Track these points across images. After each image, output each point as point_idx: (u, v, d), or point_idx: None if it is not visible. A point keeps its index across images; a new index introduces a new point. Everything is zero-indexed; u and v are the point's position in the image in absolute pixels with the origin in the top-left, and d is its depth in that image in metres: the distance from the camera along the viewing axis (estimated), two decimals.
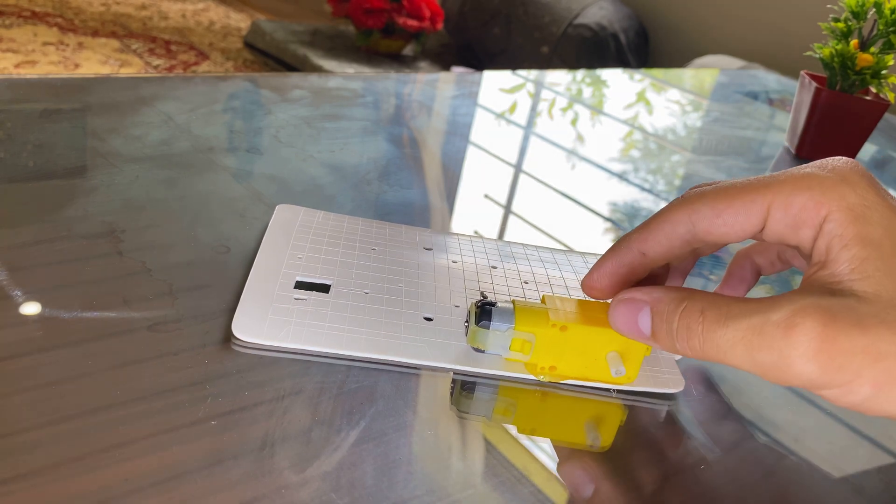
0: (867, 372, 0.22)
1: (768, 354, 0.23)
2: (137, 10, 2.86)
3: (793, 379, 0.23)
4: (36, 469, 0.21)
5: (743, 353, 0.23)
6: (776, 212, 0.25)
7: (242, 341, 0.28)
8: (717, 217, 0.26)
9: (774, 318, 0.23)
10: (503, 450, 0.26)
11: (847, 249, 0.24)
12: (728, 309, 0.24)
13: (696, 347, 0.24)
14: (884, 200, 0.25)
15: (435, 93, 0.70)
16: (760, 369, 0.23)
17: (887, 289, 0.23)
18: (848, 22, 0.64)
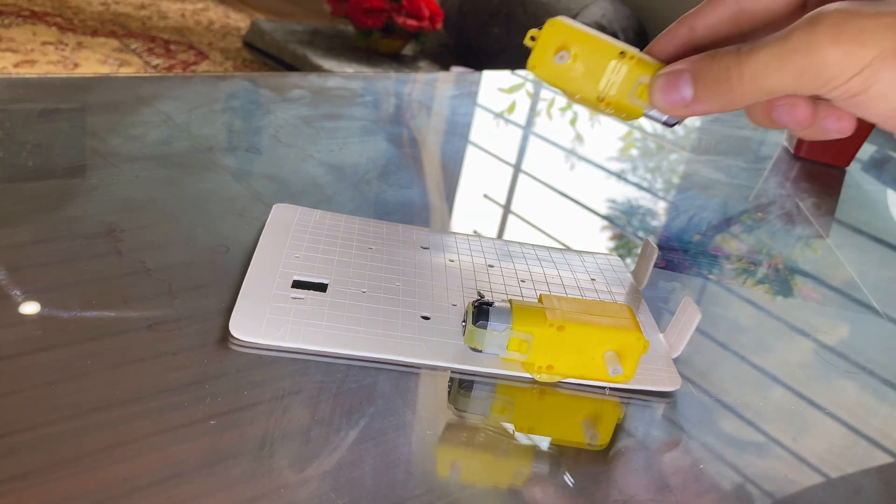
0: (889, 44, 0.22)
1: (798, 55, 0.23)
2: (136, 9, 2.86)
3: (823, 71, 0.23)
4: (35, 469, 0.21)
5: (777, 67, 0.24)
6: None
7: (240, 340, 0.28)
8: None
9: (799, 24, 0.23)
10: (502, 449, 0.26)
11: None
12: (759, 41, 0.25)
13: (737, 84, 0.25)
14: None
15: (434, 92, 0.70)
16: (795, 77, 0.24)
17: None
18: None
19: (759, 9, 0.27)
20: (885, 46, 0.22)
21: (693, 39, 0.28)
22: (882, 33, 0.22)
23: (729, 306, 0.40)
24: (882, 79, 0.23)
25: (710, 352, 0.35)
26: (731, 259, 0.46)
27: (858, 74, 0.23)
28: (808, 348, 0.37)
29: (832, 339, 0.38)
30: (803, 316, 0.40)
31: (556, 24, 0.28)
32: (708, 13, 0.28)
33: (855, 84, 0.23)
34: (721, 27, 0.28)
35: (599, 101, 0.29)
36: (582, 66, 0.28)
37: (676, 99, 0.27)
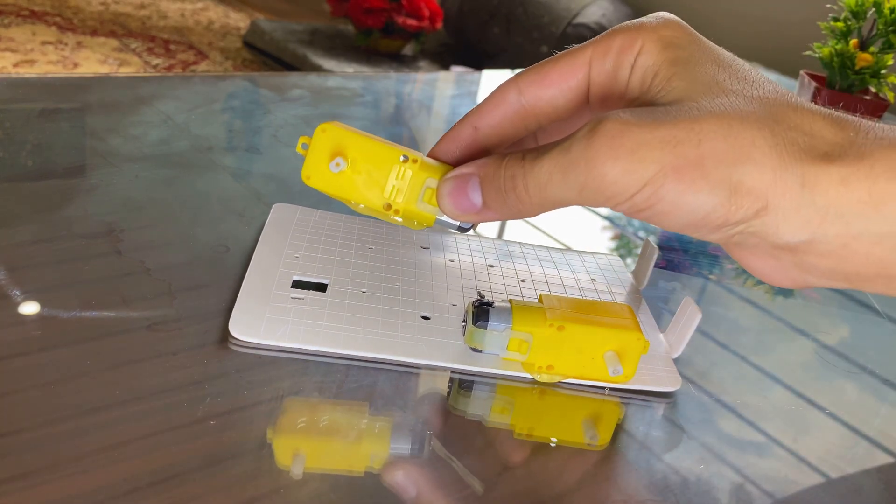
0: (668, 160, 0.21)
1: (577, 169, 0.22)
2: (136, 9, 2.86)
3: (604, 188, 0.22)
4: (35, 469, 0.21)
5: (560, 181, 0.23)
6: (597, 61, 0.25)
7: (240, 340, 0.28)
8: (542, 79, 0.26)
9: (579, 135, 0.23)
10: (502, 449, 0.26)
11: (657, 75, 0.24)
12: (545, 147, 0.24)
13: (523, 194, 0.24)
14: (696, 35, 0.25)
15: (434, 92, 0.70)
16: (577, 191, 0.23)
17: (691, 92, 0.23)
18: (847, 21, 0.64)
19: (542, 105, 0.26)
20: (663, 162, 0.21)
21: (478, 139, 0.27)
22: (660, 148, 0.21)
23: (729, 306, 0.40)
24: (665, 196, 0.22)
25: (710, 352, 0.35)
26: (731, 259, 0.46)
27: (640, 192, 0.22)
28: (809, 348, 0.37)
29: (832, 340, 0.38)
30: (804, 316, 0.40)
31: (329, 129, 0.26)
32: (490, 112, 0.27)
33: (639, 201, 0.22)
34: (506, 126, 0.27)
35: (387, 209, 0.27)
36: (362, 172, 0.27)
37: (466, 205, 0.26)
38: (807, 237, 0.22)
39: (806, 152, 0.22)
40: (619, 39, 0.25)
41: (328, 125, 0.27)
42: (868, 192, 0.21)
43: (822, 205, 0.21)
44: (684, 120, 0.22)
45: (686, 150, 0.21)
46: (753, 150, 0.21)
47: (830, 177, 0.21)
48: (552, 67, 0.26)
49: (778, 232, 0.22)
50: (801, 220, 0.22)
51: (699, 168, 0.21)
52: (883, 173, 0.21)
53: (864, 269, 0.22)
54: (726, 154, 0.21)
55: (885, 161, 0.21)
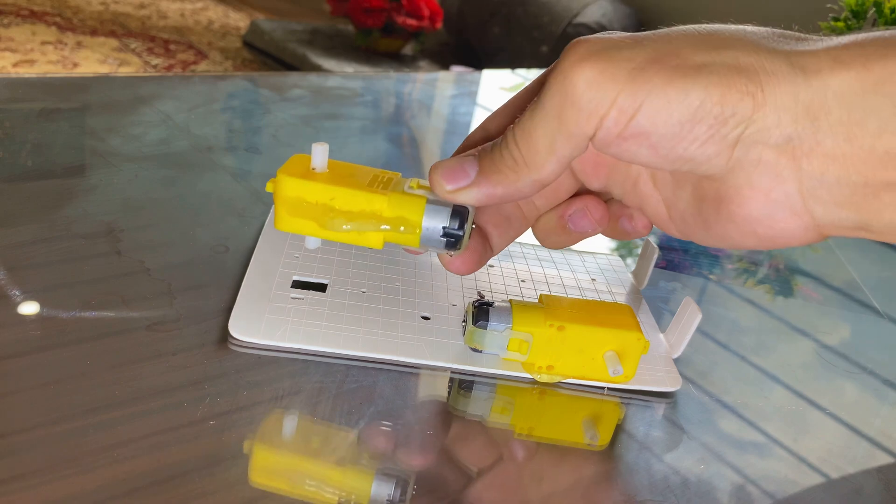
0: (640, 55, 0.20)
1: (552, 91, 0.21)
2: (136, 9, 2.86)
3: (580, 101, 0.21)
4: (34, 469, 0.21)
5: (542, 116, 0.22)
6: None
7: (239, 340, 0.28)
8: None
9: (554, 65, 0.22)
10: (502, 449, 0.26)
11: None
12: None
13: (517, 153, 0.23)
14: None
15: (434, 92, 0.70)
16: (557, 119, 0.21)
17: None
18: (848, 21, 0.64)
19: None
20: (638, 59, 0.20)
21: (489, 140, 0.26)
22: (631, 47, 0.21)
23: (729, 306, 0.40)
24: (652, 90, 0.20)
25: (710, 352, 0.35)
26: (731, 259, 0.46)
27: (619, 95, 0.20)
28: (809, 348, 0.37)
29: (833, 340, 0.38)
30: (804, 316, 0.40)
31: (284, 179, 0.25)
32: (499, 114, 0.27)
33: (625, 102, 0.20)
34: None
35: (370, 202, 0.25)
36: (341, 183, 0.25)
37: (460, 176, 0.24)
38: (809, 128, 0.20)
39: (786, 39, 0.21)
40: None
41: (283, 176, 0.25)
42: (864, 67, 0.19)
43: (818, 87, 0.19)
44: (656, 34, 0.21)
45: (658, 45, 0.21)
46: (731, 41, 0.20)
47: (819, 57, 0.19)
48: None
49: (780, 123, 0.20)
50: (801, 108, 0.19)
51: (677, 55, 0.20)
52: (874, 52, 0.19)
53: (874, 172, 0.19)
54: (702, 42, 0.20)
55: (872, 44, 0.19)
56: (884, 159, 0.19)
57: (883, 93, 0.19)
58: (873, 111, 0.19)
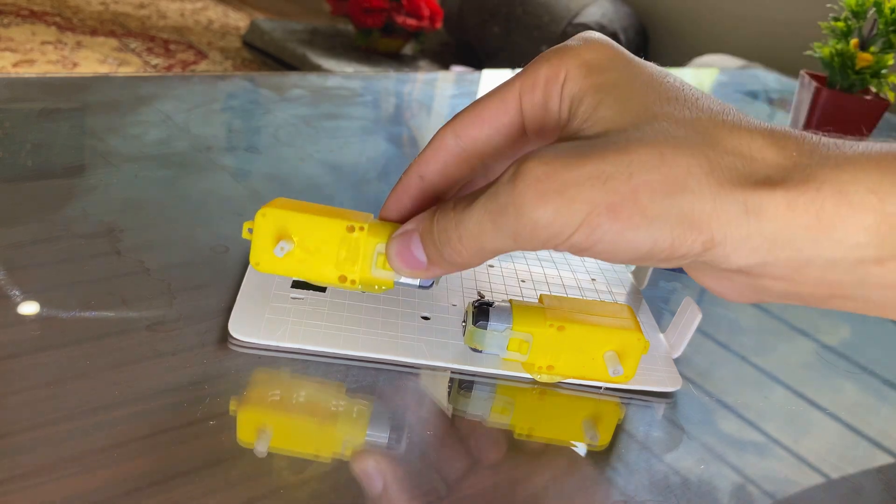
0: (599, 197, 0.20)
1: (507, 216, 0.22)
2: (136, 8, 2.86)
3: (538, 232, 0.21)
4: (34, 469, 0.21)
5: (492, 228, 0.22)
6: (526, 95, 0.25)
7: (239, 341, 0.28)
8: (476, 118, 0.25)
9: (504, 178, 0.22)
10: (502, 449, 0.26)
11: (582, 103, 0.23)
12: (474, 195, 0.23)
13: (458, 246, 0.23)
14: (620, 51, 0.24)
15: (434, 92, 0.70)
16: (511, 238, 0.22)
17: (618, 122, 0.22)
18: (848, 21, 0.64)
19: (480, 146, 0.26)
20: (595, 201, 0.20)
21: (426, 187, 0.27)
22: (589, 186, 0.20)
23: (729, 306, 0.40)
24: (604, 236, 0.21)
25: (710, 352, 0.35)
26: None
27: (576, 233, 0.21)
28: (809, 348, 0.37)
29: (833, 340, 0.38)
30: (804, 316, 0.40)
31: (269, 213, 0.26)
32: (431, 159, 0.26)
33: (577, 241, 0.21)
34: (450, 170, 0.26)
35: (342, 281, 0.27)
36: (310, 250, 0.26)
37: (414, 263, 0.25)
38: (758, 262, 0.21)
39: (746, 177, 0.20)
40: (544, 69, 0.24)
41: (268, 209, 0.26)
42: (816, 216, 0.20)
43: (769, 231, 0.20)
44: (612, 152, 0.21)
45: (617, 186, 0.20)
46: (689, 179, 0.20)
47: (775, 202, 0.20)
48: (484, 107, 0.26)
49: (728, 260, 0.21)
50: (750, 248, 0.21)
51: (634, 203, 0.20)
52: (830, 196, 0.20)
53: (819, 290, 0.21)
54: (661, 185, 0.20)
55: (832, 183, 0.20)
56: (831, 285, 0.21)
57: (832, 238, 0.20)
58: (823, 253, 0.20)
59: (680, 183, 0.20)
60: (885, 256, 0.20)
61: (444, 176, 0.26)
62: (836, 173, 0.20)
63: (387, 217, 0.27)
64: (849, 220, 0.20)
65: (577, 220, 0.21)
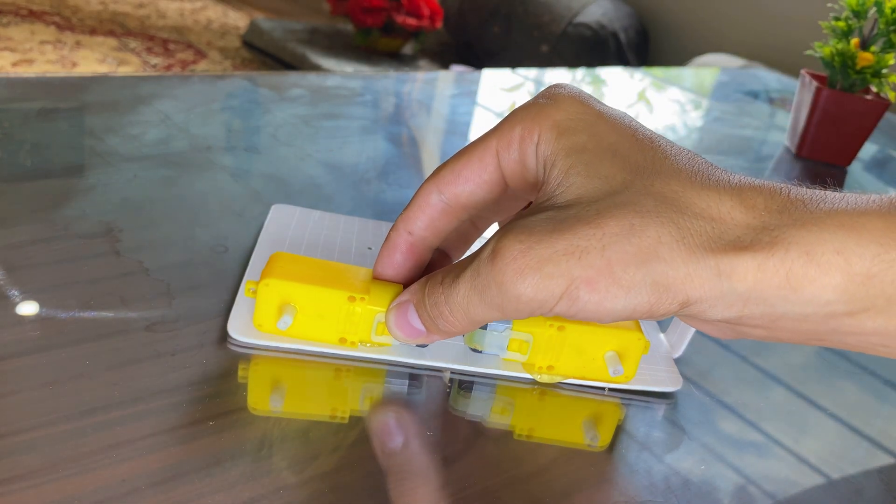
0: (576, 272, 0.21)
1: (490, 291, 0.23)
2: (135, 8, 2.86)
3: (523, 306, 0.22)
4: (33, 470, 0.21)
5: (478, 302, 0.23)
6: (503, 153, 0.25)
7: (238, 341, 0.28)
8: (457, 177, 0.26)
9: (484, 255, 0.23)
10: (502, 449, 0.26)
11: (554, 166, 0.24)
12: (459, 267, 0.24)
13: (449, 318, 0.24)
14: (591, 108, 0.25)
15: (434, 91, 0.70)
16: (498, 310, 0.23)
17: (588, 190, 0.23)
18: (848, 21, 0.63)
19: (464, 201, 0.26)
20: (572, 275, 0.21)
21: (416, 243, 0.27)
22: (565, 261, 0.21)
23: None
24: (585, 305, 0.22)
25: (711, 352, 0.35)
26: None
27: (558, 304, 0.22)
28: (810, 348, 0.37)
29: None
30: None
31: (271, 284, 0.27)
32: (417, 216, 0.27)
33: (561, 310, 0.22)
34: (438, 225, 0.27)
35: (343, 342, 0.28)
36: (312, 316, 0.27)
37: (412, 333, 0.26)
38: (734, 315, 0.22)
39: (716, 241, 0.21)
40: (518, 129, 0.25)
41: (271, 280, 0.27)
42: (786, 277, 0.21)
43: (742, 290, 0.21)
44: (584, 225, 0.22)
45: (592, 260, 0.21)
46: (660, 248, 0.21)
47: (746, 264, 0.21)
48: (464, 164, 0.26)
49: (706, 314, 0.22)
50: (725, 305, 0.22)
51: (609, 275, 0.21)
52: (797, 258, 0.20)
53: (796, 336, 0.23)
54: (633, 256, 0.21)
55: (799, 245, 0.20)
56: (806, 333, 0.22)
57: (802, 297, 0.21)
58: (794, 309, 0.21)
59: (651, 252, 0.21)
60: (854, 310, 0.21)
61: (431, 230, 0.27)
62: (803, 234, 0.21)
63: (381, 275, 0.28)
64: (817, 280, 0.20)
65: (557, 293, 0.22)
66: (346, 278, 0.28)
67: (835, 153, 0.67)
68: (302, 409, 0.26)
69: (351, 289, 0.27)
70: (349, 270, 0.28)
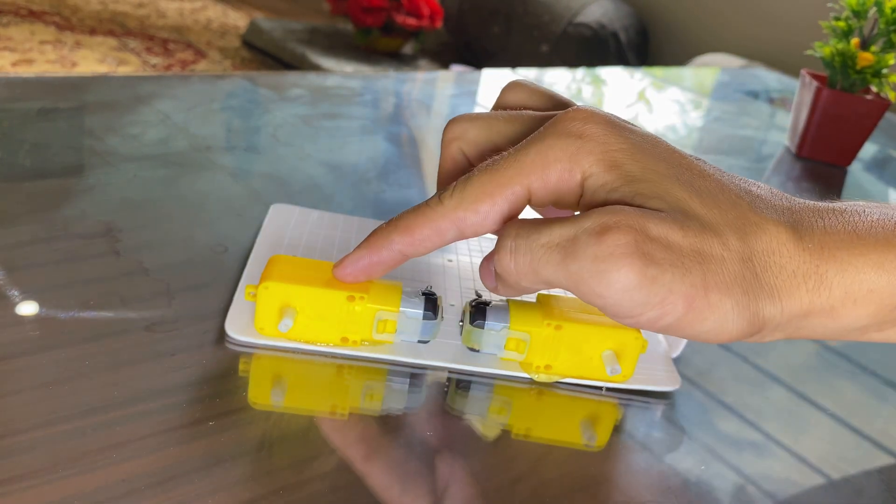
0: (680, 286, 0.22)
1: (580, 263, 0.22)
2: (135, 8, 2.86)
3: (606, 295, 0.22)
4: (33, 470, 0.21)
5: (558, 262, 0.23)
6: (537, 191, 0.25)
7: (237, 340, 0.28)
8: (484, 219, 0.25)
9: (588, 225, 0.22)
10: (500, 449, 0.26)
11: (616, 191, 0.24)
12: (545, 221, 0.24)
13: (522, 262, 0.23)
14: (624, 138, 0.25)
15: (434, 91, 0.70)
16: (573, 282, 0.22)
17: (671, 206, 0.23)
18: (849, 21, 0.63)
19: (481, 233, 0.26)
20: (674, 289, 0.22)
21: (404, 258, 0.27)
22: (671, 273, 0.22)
23: None
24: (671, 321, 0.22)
25: (710, 351, 0.35)
26: None
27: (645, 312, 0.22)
28: (810, 348, 0.37)
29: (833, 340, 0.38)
30: None
31: (271, 287, 0.27)
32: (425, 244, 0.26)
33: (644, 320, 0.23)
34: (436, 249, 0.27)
35: (344, 342, 0.28)
36: (312, 317, 0.28)
37: (490, 286, 0.26)
38: (781, 338, 0.25)
39: (776, 275, 0.23)
40: (555, 174, 0.24)
41: (271, 283, 0.27)
42: (829, 313, 0.24)
43: (794, 324, 0.24)
44: (711, 235, 0.22)
45: (704, 276, 0.22)
46: (754, 280, 0.23)
47: (801, 299, 0.23)
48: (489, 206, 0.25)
49: (761, 340, 0.24)
50: (778, 334, 0.24)
51: (705, 297, 0.22)
52: (839, 298, 0.23)
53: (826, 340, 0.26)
54: (730, 283, 0.22)
55: (840, 286, 0.23)
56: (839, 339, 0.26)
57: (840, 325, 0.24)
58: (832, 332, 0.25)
59: (750, 282, 0.23)
60: (883, 326, 0.25)
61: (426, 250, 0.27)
62: (843, 276, 0.23)
63: (355, 276, 0.27)
64: (853, 312, 0.24)
65: (652, 301, 0.22)
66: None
67: (835, 153, 0.67)
68: (302, 406, 0.26)
69: (350, 288, 0.27)
70: None
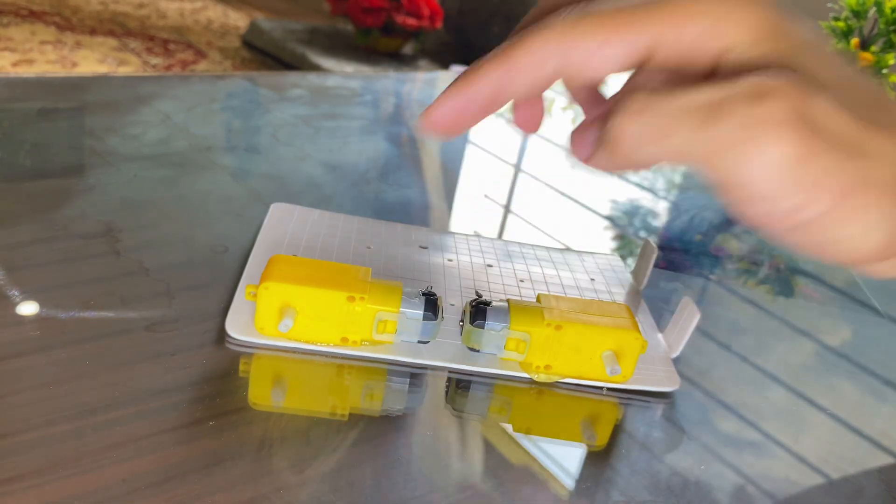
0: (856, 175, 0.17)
1: (729, 127, 0.17)
2: (135, 8, 2.86)
3: (753, 161, 0.17)
4: (34, 470, 0.21)
5: (695, 127, 0.18)
6: (663, 47, 0.20)
7: (237, 340, 0.28)
8: (597, 51, 0.20)
9: (739, 90, 0.18)
10: (500, 449, 0.26)
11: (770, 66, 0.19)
12: (682, 84, 0.19)
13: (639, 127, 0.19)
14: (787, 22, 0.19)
15: (434, 92, 0.70)
16: (711, 150, 0.18)
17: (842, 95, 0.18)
18: (848, 21, 0.64)
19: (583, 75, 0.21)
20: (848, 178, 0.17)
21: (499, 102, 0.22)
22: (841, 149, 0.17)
23: (730, 306, 0.40)
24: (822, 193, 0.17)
25: (710, 352, 0.35)
26: (732, 259, 0.46)
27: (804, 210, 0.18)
28: (809, 349, 0.37)
29: (833, 340, 0.38)
30: (804, 316, 0.40)
31: (271, 287, 0.27)
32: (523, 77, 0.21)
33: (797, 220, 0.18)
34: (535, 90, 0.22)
35: (345, 342, 0.28)
36: (312, 318, 0.28)
37: (583, 155, 0.22)
38: None
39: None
40: (692, 32, 0.19)
41: (271, 283, 0.27)
42: None
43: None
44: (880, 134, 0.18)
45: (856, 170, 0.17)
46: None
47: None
48: (606, 40, 0.20)
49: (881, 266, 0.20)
50: None
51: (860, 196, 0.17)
52: None
53: None
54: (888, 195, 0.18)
55: None
56: None
57: None
58: None
59: None
60: None
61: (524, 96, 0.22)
62: None
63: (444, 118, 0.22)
64: None
65: (804, 182, 0.17)
66: (345, 278, 0.28)
67: None
68: (302, 406, 0.26)
69: (350, 289, 0.27)
70: (348, 270, 0.28)
